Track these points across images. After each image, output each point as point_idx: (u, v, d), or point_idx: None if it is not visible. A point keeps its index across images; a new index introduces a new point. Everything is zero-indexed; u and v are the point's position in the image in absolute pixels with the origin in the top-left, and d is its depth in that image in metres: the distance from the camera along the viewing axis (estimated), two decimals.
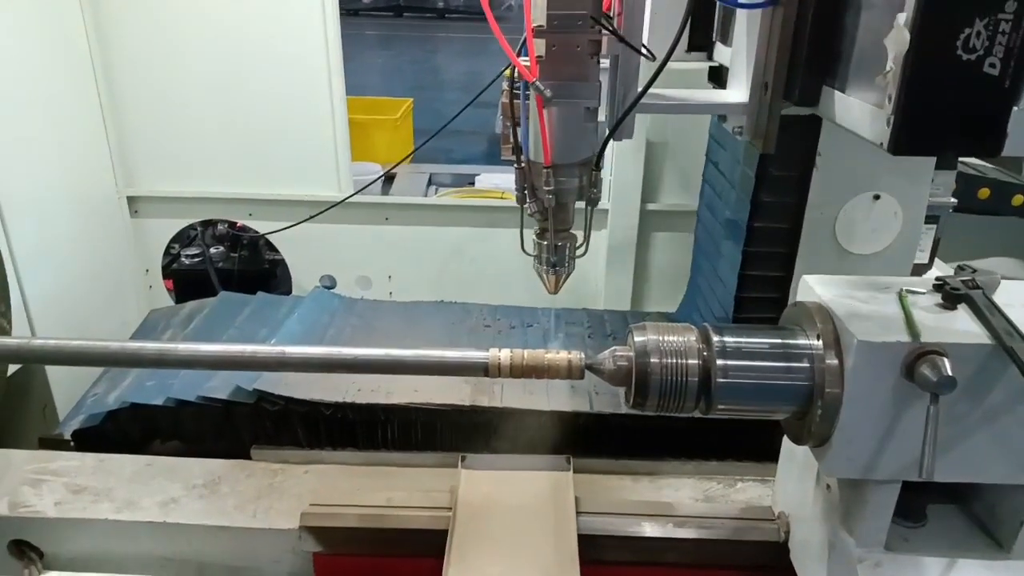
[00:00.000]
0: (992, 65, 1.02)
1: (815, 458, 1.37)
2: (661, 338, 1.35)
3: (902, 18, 1.05)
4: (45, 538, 1.86)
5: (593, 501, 1.84)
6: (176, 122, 3.01)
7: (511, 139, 1.48)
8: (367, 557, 1.81)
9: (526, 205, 1.52)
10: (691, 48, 1.93)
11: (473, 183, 4.29)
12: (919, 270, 2.06)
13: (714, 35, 1.90)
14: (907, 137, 1.08)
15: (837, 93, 1.33)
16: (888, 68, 1.07)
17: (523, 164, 1.49)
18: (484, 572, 1.63)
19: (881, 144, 1.11)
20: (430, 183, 4.75)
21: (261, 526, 1.83)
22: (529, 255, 1.60)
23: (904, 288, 1.39)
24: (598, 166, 1.47)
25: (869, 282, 1.44)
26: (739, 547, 1.75)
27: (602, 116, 1.54)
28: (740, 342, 1.33)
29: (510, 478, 1.89)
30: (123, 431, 2.15)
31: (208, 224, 3.62)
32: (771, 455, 2.05)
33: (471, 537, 1.70)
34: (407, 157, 3.80)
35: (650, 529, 1.77)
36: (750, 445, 2.04)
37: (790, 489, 1.71)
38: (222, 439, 2.11)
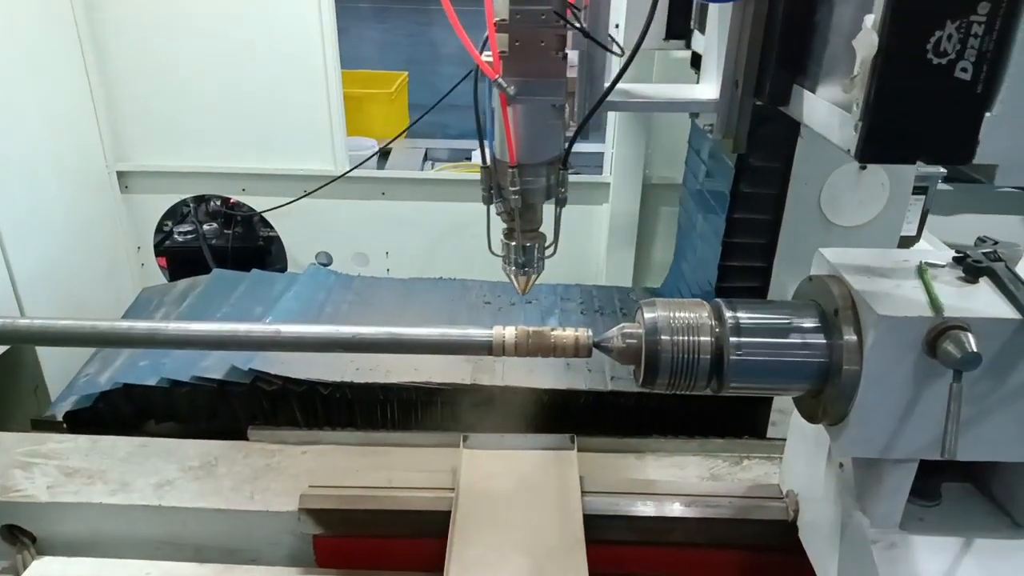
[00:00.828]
0: (964, 69, 0.95)
1: (830, 437, 1.33)
2: (672, 314, 1.29)
3: (870, 20, 0.98)
4: (37, 522, 1.82)
5: (598, 480, 1.80)
6: (167, 94, 2.93)
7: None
8: (368, 538, 1.77)
9: (492, 205, 1.45)
10: (670, 36, 1.87)
11: (470, 158, 4.21)
12: (907, 243, 2.01)
13: (692, 23, 1.83)
14: (875, 145, 1.01)
15: (807, 93, 1.25)
16: (855, 72, 1.01)
17: (488, 163, 1.41)
18: (487, 554, 1.59)
19: (848, 151, 1.05)
20: (426, 158, 4.67)
21: (259, 508, 1.79)
22: (497, 255, 1.54)
23: (923, 261, 1.34)
24: (566, 165, 1.40)
25: (886, 255, 1.39)
26: (747, 526, 1.72)
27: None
28: (754, 318, 1.28)
29: (513, 457, 1.85)
30: (116, 412, 2.11)
31: (201, 200, 3.54)
32: (754, 432, 2.01)
33: (474, 518, 1.67)
34: (403, 132, 3.72)
35: (657, 509, 1.74)
36: (737, 422, 2.01)
37: (799, 467, 1.68)
38: (217, 419, 2.06)
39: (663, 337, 1.27)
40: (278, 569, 1.79)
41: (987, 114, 0.97)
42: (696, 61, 1.90)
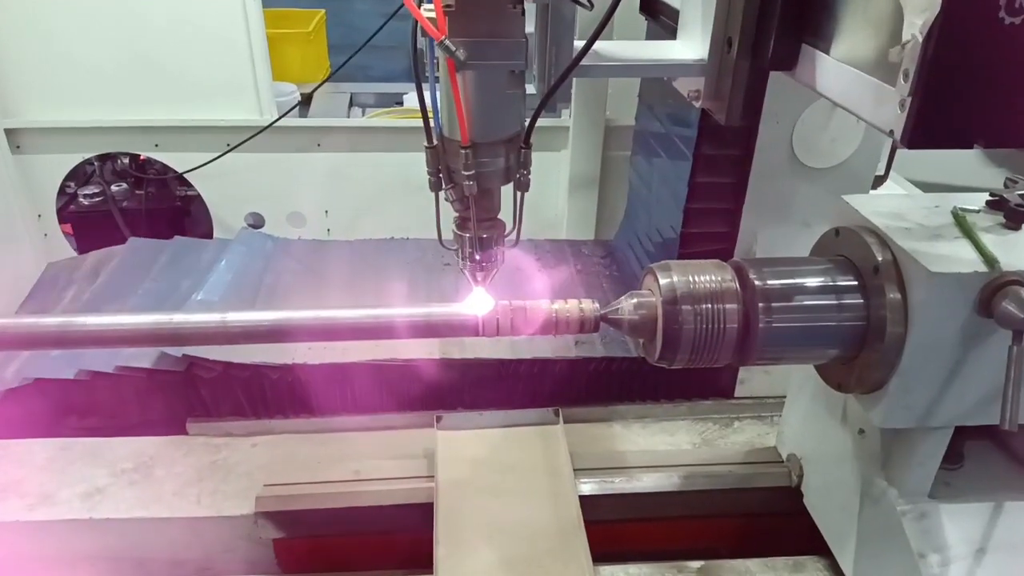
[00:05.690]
0: None
1: (862, 407, 1.20)
2: (691, 279, 1.13)
3: None
4: None
5: (587, 456, 1.66)
6: (60, 36, 2.54)
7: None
8: (337, 538, 1.59)
9: (442, 192, 1.21)
10: None
11: (401, 103, 3.92)
12: (876, 182, 1.91)
13: None
14: (927, 127, 0.83)
15: (822, 56, 1.05)
16: (907, 37, 0.82)
17: (435, 143, 1.17)
18: (479, 549, 1.43)
19: (891, 132, 0.87)
20: (352, 104, 4.35)
21: (208, 514, 1.57)
22: (449, 249, 1.31)
23: (957, 207, 1.22)
24: (527, 143, 1.18)
25: (912, 201, 1.26)
26: (748, 494, 1.63)
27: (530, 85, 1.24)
28: (784, 280, 1.14)
29: (494, 437, 1.68)
30: (28, 411, 1.82)
31: (106, 158, 3.15)
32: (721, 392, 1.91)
33: (458, 510, 1.50)
34: (331, 76, 3.40)
35: (654, 483, 1.61)
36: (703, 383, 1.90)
37: (802, 430, 1.57)
38: (150, 413, 1.81)
39: (684, 307, 1.11)
40: None
41: None
42: (646, 5, 1.69)
